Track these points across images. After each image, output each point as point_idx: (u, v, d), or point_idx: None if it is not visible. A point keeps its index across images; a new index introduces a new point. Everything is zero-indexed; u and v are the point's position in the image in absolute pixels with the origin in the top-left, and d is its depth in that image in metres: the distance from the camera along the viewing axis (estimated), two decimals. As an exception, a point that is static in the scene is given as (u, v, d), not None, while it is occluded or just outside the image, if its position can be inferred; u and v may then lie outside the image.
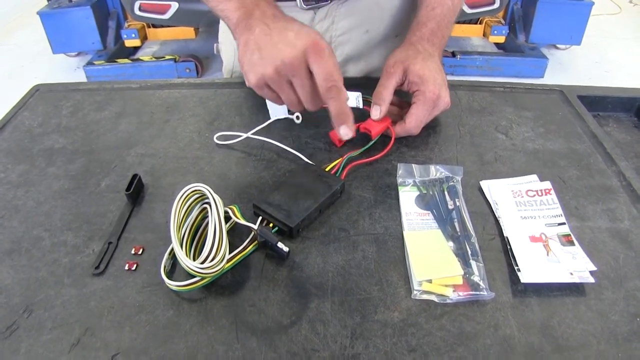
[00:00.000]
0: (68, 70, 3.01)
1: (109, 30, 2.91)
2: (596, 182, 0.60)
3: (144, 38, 3.02)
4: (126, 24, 2.94)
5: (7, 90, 2.80)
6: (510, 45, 2.99)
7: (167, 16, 2.47)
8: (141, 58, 2.83)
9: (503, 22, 3.01)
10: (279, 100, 0.57)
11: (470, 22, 3.05)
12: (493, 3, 2.56)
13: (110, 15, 2.92)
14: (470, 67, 2.75)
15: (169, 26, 2.90)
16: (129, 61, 2.77)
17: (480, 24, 3.08)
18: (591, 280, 0.46)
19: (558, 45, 3.20)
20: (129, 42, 2.91)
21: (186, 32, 3.00)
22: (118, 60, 2.76)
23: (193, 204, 0.51)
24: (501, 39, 3.00)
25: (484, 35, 3.10)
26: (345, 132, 0.56)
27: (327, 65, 0.52)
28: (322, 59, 0.51)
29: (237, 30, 0.58)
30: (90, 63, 2.71)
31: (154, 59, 2.76)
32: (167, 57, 2.75)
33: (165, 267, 0.47)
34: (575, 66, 3.09)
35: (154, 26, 2.98)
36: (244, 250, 0.49)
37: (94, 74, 2.67)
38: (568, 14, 2.75)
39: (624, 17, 3.91)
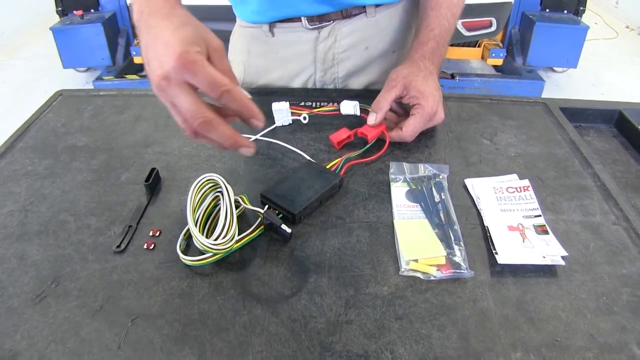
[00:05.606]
0: (77, 84, 3.11)
1: (119, 47, 3.01)
2: (572, 181, 0.66)
3: (153, 55, 3.12)
4: (135, 41, 3.04)
5: (18, 102, 2.89)
6: (508, 67, 3.09)
7: (176, 34, 2.56)
8: (149, 74, 2.92)
9: (501, 45, 3.11)
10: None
11: (469, 45, 3.15)
12: (490, 26, 2.66)
13: (120, 33, 3.03)
14: (468, 89, 2.84)
15: (177, 44, 2.99)
16: (137, 77, 2.86)
17: (478, 47, 3.18)
18: (562, 263, 0.52)
19: (555, 68, 3.29)
20: (138, 59, 3.01)
21: (193, 51, 3.09)
22: (127, 75, 2.85)
23: (207, 191, 0.57)
24: (499, 62, 3.10)
25: (483, 58, 3.20)
26: (256, 124, 0.50)
27: (204, 74, 0.46)
28: (196, 71, 0.46)
29: (136, 30, 0.53)
30: (99, 78, 2.80)
31: (161, 76, 2.85)
32: (175, 74, 2.83)
33: (180, 245, 0.53)
34: (571, 88, 3.17)
35: (163, 44, 3.08)
36: (251, 233, 0.54)
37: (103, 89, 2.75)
38: (564, 37, 2.85)
39: (621, 41, 4.02)
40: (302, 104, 0.81)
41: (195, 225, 0.52)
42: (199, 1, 2.41)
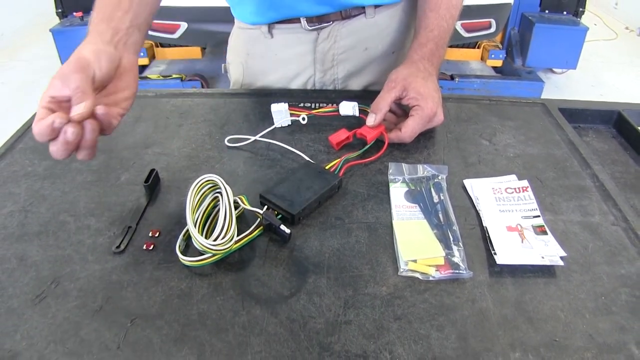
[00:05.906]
0: (78, 86, 3.10)
1: (119, 49, 3.00)
2: (571, 182, 0.66)
3: (152, 57, 3.12)
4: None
5: (18, 103, 2.90)
6: (508, 69, 3.08)
7: (176, 35, 2.57)
8: (149, 76, 2.92)
9: (500, 46, 3.11)
10: None
11: (468, 46, 3.15)
12: (489, 27, 2.66)
13: (121, 35, 3.02)
14: (468, 90, 2.83)
15: (177, 46, 3.00)
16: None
17: (478, 48, 3.18)
18: (560, 263, 0.52)
19: (554, 69, 3.29)
20: (140, 61, 3.01)
21: (193, 52, 3.10)
22: (127, 77, 2.84)
23: (206, 192, 0.57)
24: (498, 63, 3.10)
25: (482, 59, 3.19)
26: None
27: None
28: None
29: None
30: (99, 80, 2.79)
31: (161, 78, 2.85)
32: (174, 75, 2.83)
33: (179, 246, 0.53)
34: (571, 89, 3.18)
35: (162, 45, 3.09)
36: (251, 234, 0.54)
37: (103, 90, 2.75)
38: (564, 38, 2.84)
39: (620, 42, 4.02)
40: (301, 105, 0.81)
41: (195, 226, 0.52)
42: (199, 2, 2.42)
